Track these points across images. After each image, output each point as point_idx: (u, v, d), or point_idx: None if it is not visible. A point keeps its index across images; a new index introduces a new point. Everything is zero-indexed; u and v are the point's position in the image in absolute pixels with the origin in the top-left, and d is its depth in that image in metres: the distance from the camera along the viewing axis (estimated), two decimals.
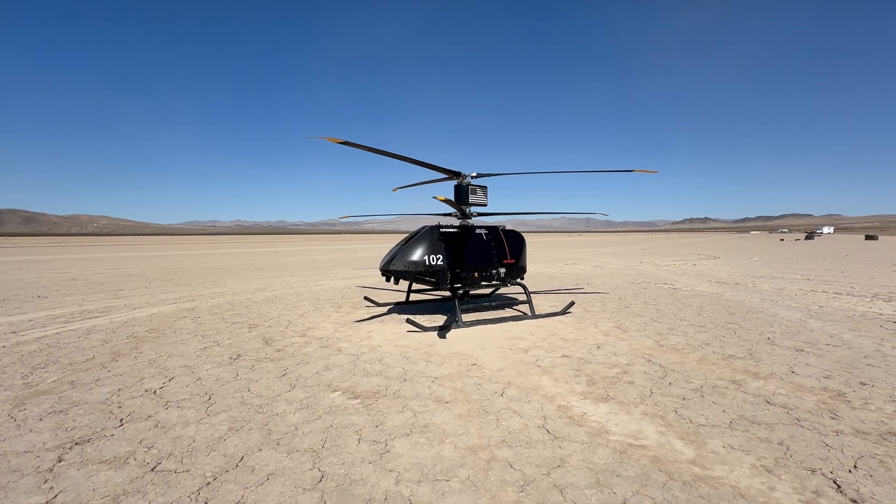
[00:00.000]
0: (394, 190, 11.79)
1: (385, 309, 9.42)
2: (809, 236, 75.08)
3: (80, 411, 4.09)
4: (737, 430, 3.68)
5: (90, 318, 8.49)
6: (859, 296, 10.95)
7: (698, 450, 3.34)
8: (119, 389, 4.66)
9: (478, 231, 8.94)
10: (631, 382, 4.81)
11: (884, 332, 7.10)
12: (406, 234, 9.08)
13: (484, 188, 9.03)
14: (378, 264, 9.57)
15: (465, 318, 8.26)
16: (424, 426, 3.77)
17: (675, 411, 4.06)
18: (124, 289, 12.78)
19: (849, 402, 4.27)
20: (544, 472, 3.03)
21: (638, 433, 3.62)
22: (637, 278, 15.22)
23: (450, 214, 9.33)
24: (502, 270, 8.81)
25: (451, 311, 9.23)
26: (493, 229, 9.22)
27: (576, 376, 5.04)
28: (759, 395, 4.43)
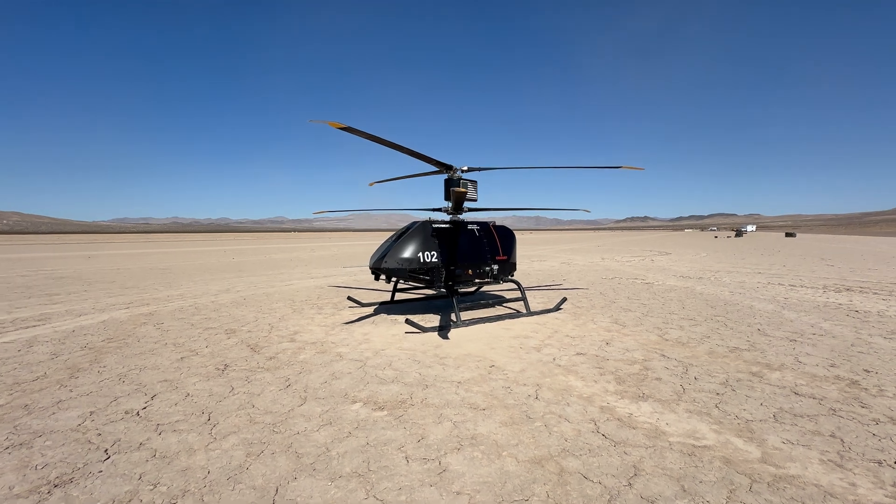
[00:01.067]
0: (370, 185, 11.25)
1: (371, 309, 8.91)
2: (739, 234, 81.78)
3: (47, 443, 3.35)
4: (784, 423, 3.66)
5: (26, 327, 7.30)
6: (811, 287, 11.83)
7: (760, 447, 3.26)
8: (91, 413, 3.91)
9: (469, 227, 8.66)
10: (658, 379, 4.73)
11: (853, 321, 7.62)
12: (394, 231, 8.62)
13: (475, 182, 8.77)
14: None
15: (462, 316, 7.95)
16: (472, 438, 3.42)
17: (717, 407, 3.99)
18: (59, 293, 11.25)
19: (865, 389, 4.42)
20: (625, 484, 2.80)
21: (694, 433, 3.49)
22: (607, 274, 15.62)
23: (439, 209, 8.97)
24: (495, 267, 8.59)
25: (443, 309, 8.90)
26: (484, 225, 8.98)
27: (601, 374, 4.89)
28: (784, 387, 4.49)
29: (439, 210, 8.99)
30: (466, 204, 8.56)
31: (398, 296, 9.91)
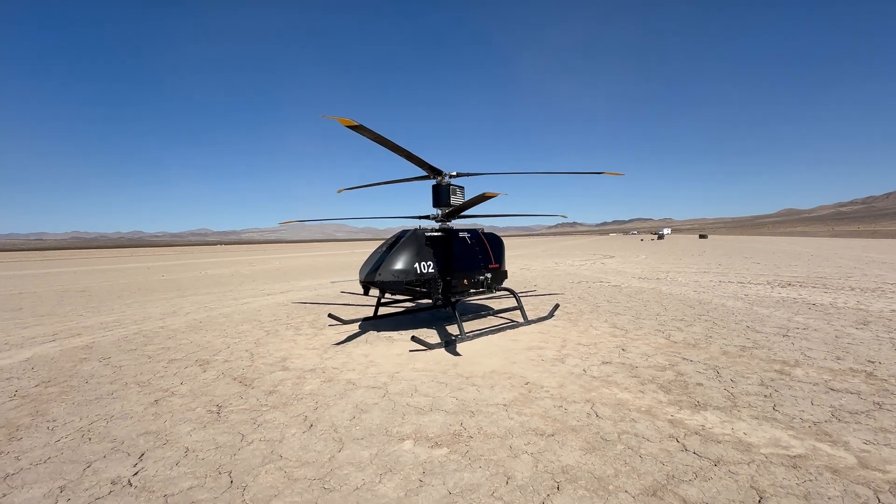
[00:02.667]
0: (339, 191, 10.56)
1: (356, 327, 8.18)
2: (660, 237, 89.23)
3: None
4: (848, 422, 3.67)
5: None
6: (758, 284, 12.89)
7: (849, 451, 3.21)
8: (62, 489, 2.96)
9: (461, 234, 8.27)
10: (700, 385, 4.65)
11: (818, 313, 8.28)
12: (383, 241, 8.00)
13: (462, 188, 8.43)
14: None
15: (442, 325, 7.51)
16: (563, 472, 3.02)
17: (776, 410, 3.95)
18: None
19: (885, 380, 4.65)
20: None
21: (777, 441, 3.37)
22: (571, 278, 15.97)
23: (426, 217, 8.50)
24: (489, 276, 8.28)
25: (432, 323, 8.40)
26: (474, 232, 8.64)
27: (642, 384, 4.71)
28: (817, 383, 4.60)
29: (426, 217, 8.53)
30: (438, 212, 8.16)
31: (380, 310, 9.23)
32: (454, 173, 8.02)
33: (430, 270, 7.28)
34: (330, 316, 8.66)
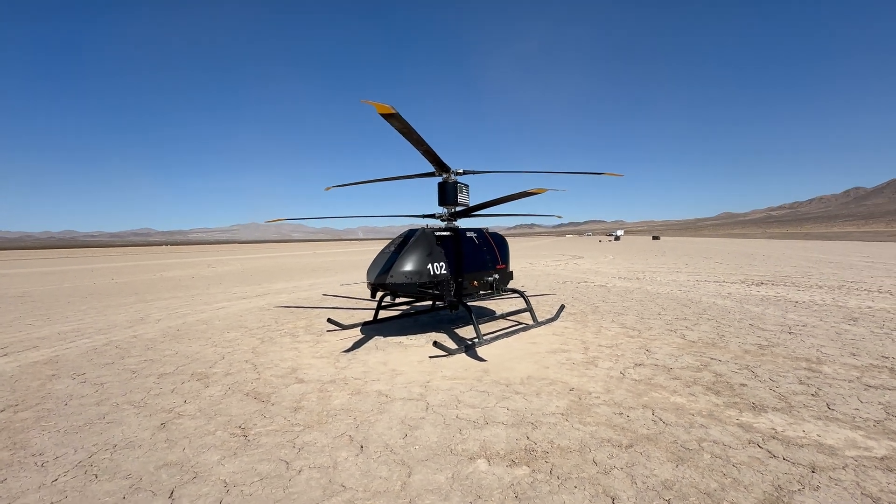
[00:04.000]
0: (327, 189, 10.00)
1: (358, 332, 7.68)
2: (616, 238, 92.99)
3: None
4: None
5: None
6: (734, 283, 13.49)
7: None
8: None
9: (469, 234, 7.99)
10: (744, 385, 4.63)
11: (806, 310, 8.68)
12: (390, 241, 7.56)
13: (468, 187, 8.15)
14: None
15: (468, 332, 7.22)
16: (667, 487, 2.80)
17: (832, 409, 3.96)
18: None
19: None
20: None
21: (854, 443, 3.35)
22: (554, 279, 16.08)
23: (431, 216, 8.14)
24: (496, 277, 8.04)
25: (437, 326, 8.04)
26: (480, 232, 8.38)
27: (687, 386, 4.63)
28: (851, 380, 4.70)
29: (430, 216, 8.17)
30: (444, 210, 7.85)
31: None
32: (461, 171, 7.71)
33: (443, 272, 6.94)
34: (329, 321, 8.08)
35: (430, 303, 9.71)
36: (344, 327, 7.96)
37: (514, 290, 8.26)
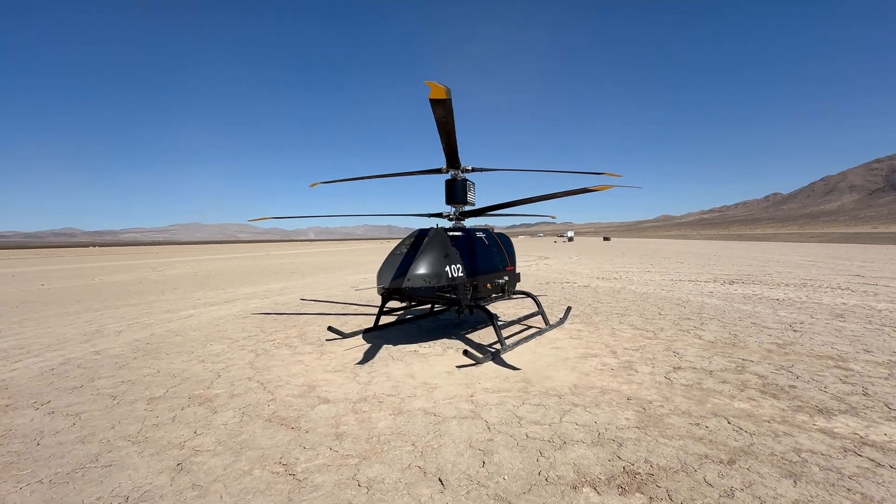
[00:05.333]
0: (312, 185, 9.30)
1: (362, 340, 7.07)
2: (570, 239, 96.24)
3: None
4: None
5: None
6: (708, 282, 14.08)
7: None
8: None
9: (478, 234, 7.61)
10: (794, 387, 4.59)
11: (793, 308, 9.09)
12: (400, 241, 7.02)
13: (474, 185, 7.78)
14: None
15: (481, 336, 6.86)
16: None
17: (890, 408, 3.96)
18: None
19: None
20: None
21: None
22: (534, 279, 16.06)
23: (438, 215, 7.69)
24: (506, 279, 7.72)
25: (443, 332, 7.59)
26: (487, 232, 8.02)
27: (741, 390, 4.52)
28: (887, 378, 4.80)
29: (438, 216, 7.72)
30: (452, 209, 7.46)
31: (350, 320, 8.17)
32: (469, 168, 7.32)
33: (460, 274, 6.51)
34: (330, 329, 7.37)
35: (430, 307, 9.24)
36: (345, 335, 7.31)
37: (523, 293, 7.97)
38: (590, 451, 3.32)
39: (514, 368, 5.41)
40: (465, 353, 5.55)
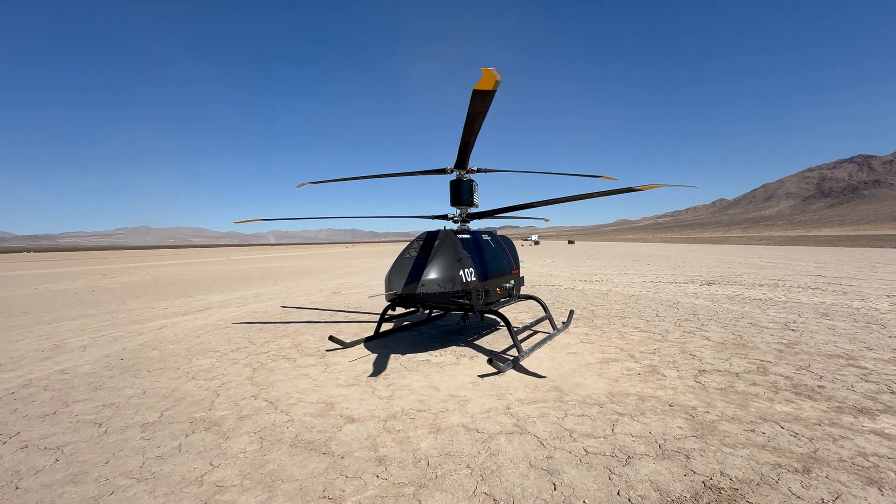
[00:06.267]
0: (298, 186, 8.82)
1: (364, 349, 6.65)
2: (536, 242, 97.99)
3: None
4: None
5: None
6: (687, 283, 14.51)
7: None
8: None
9: (485, 237, 7.38)
10: (823, 387, 4.62)
11: (779, 307, 9.42)
12: (407, 244, 6.67)
13: (478, 186, 7.56)
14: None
15: (490, 342, 6.61)
16: None
17: None
18: None
19: None
20: None
21: None
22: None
23: (444, 217, 7.39)
24: (513, 283, 7.52)
25: (446, 338, 7.28)
26: (492, 234, 7.81)
27: (776, 392, 4.50)
28: (895, 374, 4.93)
29: (444, 217, 7.42)
30: (458, 211, 7.21)
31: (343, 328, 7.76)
32: (475, 168, 7.08)
33: (472, 278, 6.25)
34: (331, 339, 6.87)
35: (428, 313, 8.90)
36: (346, 345, 6.84)
37: (529, 297, 7.80)
38: (659, 465, 3.12)
39: (538, 376, 5.18)
40: (490, 361, 5.26)
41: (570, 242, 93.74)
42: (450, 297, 5.95)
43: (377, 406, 4.37)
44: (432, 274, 5.83)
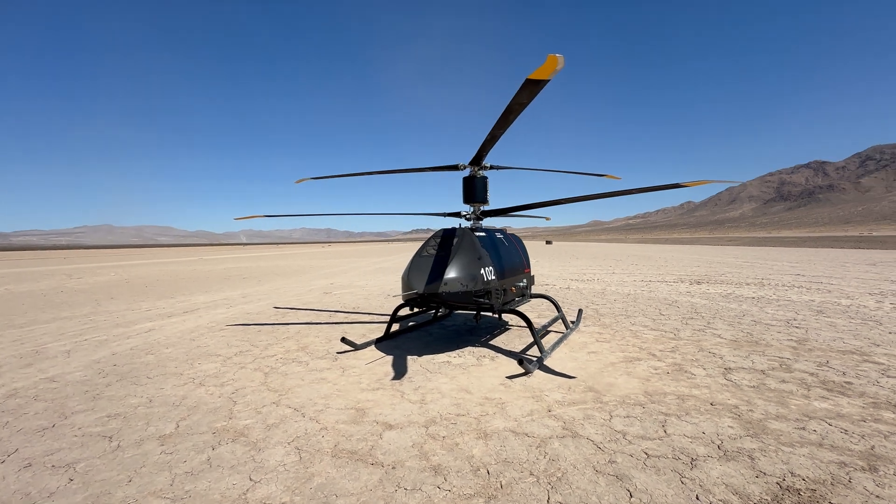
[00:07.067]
0: (297, 182, 8.57)
1: (377, 351, 6.40)
2: None
3: None
4: None
5: None
6: (675, 282, 14.80)
7: None
8: None
9: (498, 235, 7.25)
10: (850, 383, 4.69)
11: (775, 305, 9.67)
12: (424, 242, 6.45)
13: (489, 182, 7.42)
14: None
15: (486, 342, 6.49)
16: None
17: None
18: None
19: None
20: None
21: None
22: None
23: (456, 214, 7.22)
24: (525, 282, 7.41)
25: (456, 338, 7.11)
26: (504, 232, 7.68)
27: (808, 388, 4.53)
28: None
29: (455, 215, 7.24)
30: (470, 209, 7.06)
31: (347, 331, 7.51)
32: (488, 165, 6.94)
33: (492, 277, 6.10)
34: (343, 340, 6.58)
35: (434, 313, 8.70)
36: (357, 347, 6.57)
37: (542, 296, 7.71)
38: (727, 467, 3.04)
39: (567, 377, 5.07)
40: (521, 362, 5.12)
41: (548, 242, 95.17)
42: (472, 297, 5.77)
43: (412, 411, 4.15)
44: (455, 272, 5.65)
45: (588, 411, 4.05)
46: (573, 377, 5.04)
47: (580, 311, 8.57)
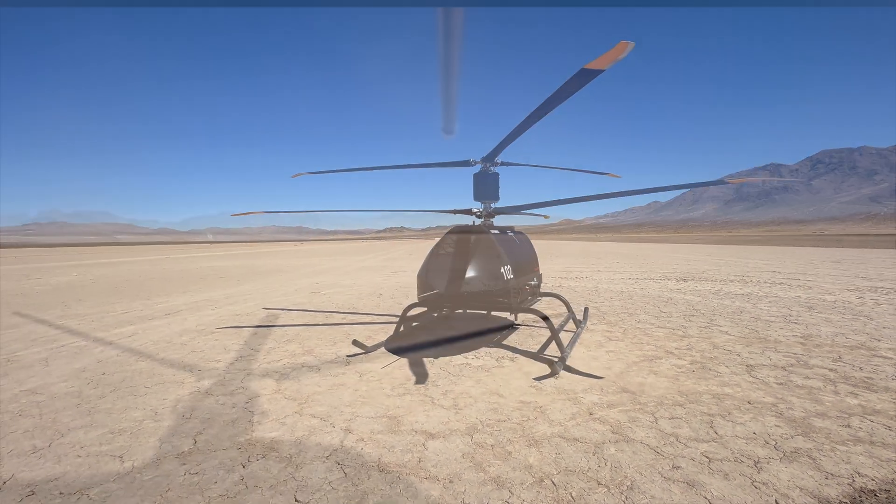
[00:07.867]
0: (293, 176, 8.19)
1: (389, 354, 6.14)
2: None
3: None
4: None
5: None
6: (663, 280, 15.10)
7: None
8: None
9: (510, 233, 7.10)
10: (870, 378, 4.79)
11: (767, 302, 9.95)
12: (439, 241, 6.23)
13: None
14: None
15: (499, 343, 6.36)
16: None
17: None
18: None
19: None
20: None
21: None
22: None
23: (468, 212, 7.02)
24: (535, 281, 7.31)
25: (475, 339, 6.94)
26: (514, 230, 7.54)
27: (834, 384, 4.59)
28: None
29: (468, 212, 7.04)
30: (482, 206, 6.91)
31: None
32: (499, 161, 6.78)
33: (510, 277, 5.95)
34: (355, 343, 6.28)
35: (436, 313, 8.46)
36: (368, 350, 6.28)
37: (551, 294, 7.62)
38: (793, 469, 2.98)
39: (595, 377, 4.97)
40: (551, 364, 4.97)
41: None
42: (493, 296, 5.60)
43: (448, 417, 3.93)
44: (476, 271, 5.47)
45: (631, 414, 3.94)
46: (601, 377, 4.95)
47: (586, 309, 8.54)
